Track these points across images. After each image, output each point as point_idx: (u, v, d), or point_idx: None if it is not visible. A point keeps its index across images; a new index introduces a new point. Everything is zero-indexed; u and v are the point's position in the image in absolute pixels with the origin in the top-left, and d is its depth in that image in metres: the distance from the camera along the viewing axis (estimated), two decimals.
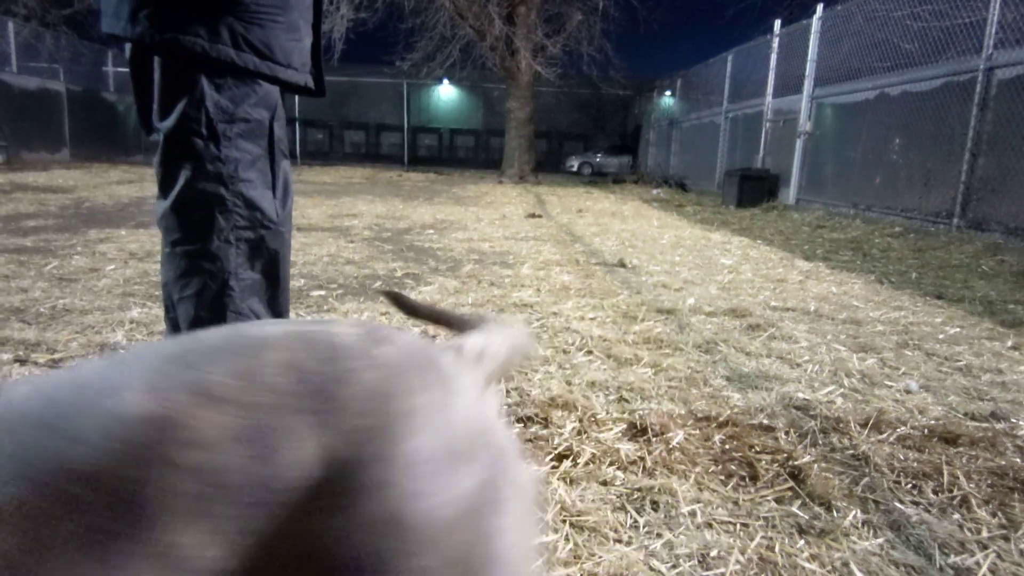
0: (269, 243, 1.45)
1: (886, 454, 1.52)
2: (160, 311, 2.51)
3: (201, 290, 1.37)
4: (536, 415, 1.65)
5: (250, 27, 1.28)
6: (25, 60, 13.65)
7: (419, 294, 3.00)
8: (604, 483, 1.34)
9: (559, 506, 1.24)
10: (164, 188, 1.38)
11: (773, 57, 9.86)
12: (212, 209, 1.35)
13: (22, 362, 1.90)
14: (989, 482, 1.41)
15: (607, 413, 1.70)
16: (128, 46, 1.35)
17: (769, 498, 1.32)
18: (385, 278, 3.35)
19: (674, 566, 1.09)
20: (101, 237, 4.25)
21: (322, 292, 2.98)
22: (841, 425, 1.69)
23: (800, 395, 1.87)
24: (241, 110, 1.34)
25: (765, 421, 1.69)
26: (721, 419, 1.68)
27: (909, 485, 1.39)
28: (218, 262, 1.37)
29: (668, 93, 17.12)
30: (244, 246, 1.40)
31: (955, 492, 1.36)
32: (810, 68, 8.68)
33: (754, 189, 9.03)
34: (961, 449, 1.57)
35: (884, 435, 1.64)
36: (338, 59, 13.87)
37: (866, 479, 1.40)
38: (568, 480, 1.35)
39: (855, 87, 7.78)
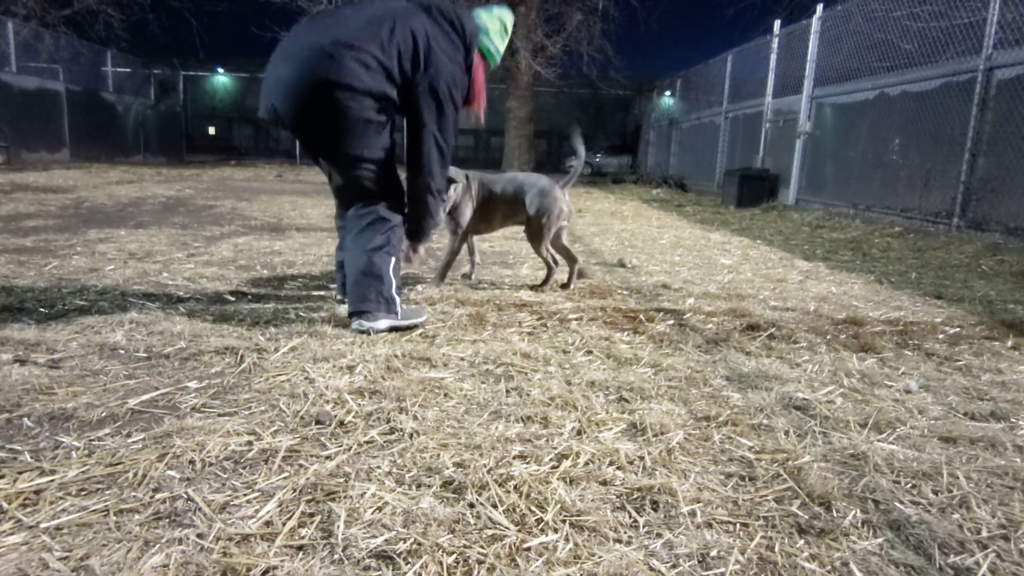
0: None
1: (886, 454, 1.52)
2: (159, 310, 2.51)
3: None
4: (536, 415, 1.66)
5: None
6: (25, 60, 13.66)
7: (419, 294, 3.00)
8: (604, 483, 1.34)
9: (559, 506, 1.24)
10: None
11: (773, 57, 9.86)
12: None
13: (22, 362, 1.90)
14: (989, 482, 1.41)
15: (607, 413, 1.70)
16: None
17: (769, 498, 1.32)
18: None
19: (674, 566, 1.09)
20: (101, 237, 4.25)
21: (322, 292, 2.98)
22: (841, 425, 1.69)
23: (800, 395, 1.87)
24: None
25: (765, 421, 1.69)
26: (721, 419, 1.68)
27: (909, 485, 1.39)
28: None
29: (668, 93, 17.13)
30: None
31: (955, 492, 1.36)
32: (810, 68, 8.68)
33: (754, 189, 9.04)
34: (961, 449, 1.57)
35: (884, 435, 1.64)
36: None
37: (866, 479, 1.40)
38: (568, 480, 1.35)
39: (855, 87, 7.78)
